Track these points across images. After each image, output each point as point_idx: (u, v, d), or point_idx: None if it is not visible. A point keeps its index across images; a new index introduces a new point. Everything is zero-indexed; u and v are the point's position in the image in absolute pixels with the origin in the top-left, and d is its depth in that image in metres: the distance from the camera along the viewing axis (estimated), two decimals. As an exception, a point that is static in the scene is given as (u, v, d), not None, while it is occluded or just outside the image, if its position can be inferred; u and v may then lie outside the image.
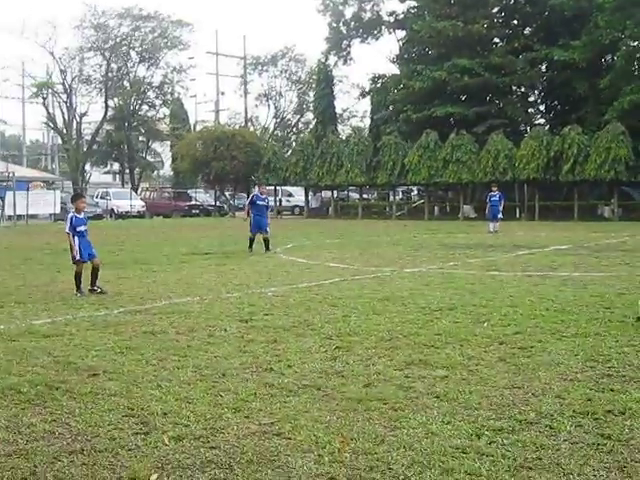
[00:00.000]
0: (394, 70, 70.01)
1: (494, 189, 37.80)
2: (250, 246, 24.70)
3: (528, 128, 60.07)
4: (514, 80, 58.91)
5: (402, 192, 70.19)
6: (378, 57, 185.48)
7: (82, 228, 14.92)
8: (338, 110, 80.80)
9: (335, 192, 64.68)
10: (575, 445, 5.83)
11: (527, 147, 50.69)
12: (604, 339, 9.70)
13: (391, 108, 64.51)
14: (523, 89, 63.85)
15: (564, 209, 52.75)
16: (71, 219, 14.93)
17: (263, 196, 26.34)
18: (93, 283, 14.82)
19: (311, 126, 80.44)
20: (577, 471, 5.30)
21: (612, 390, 7.28)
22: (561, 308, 12.24)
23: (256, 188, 30.10)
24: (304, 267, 19.63)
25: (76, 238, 14.80)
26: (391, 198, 64.31)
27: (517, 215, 53.52)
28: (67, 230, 14.92)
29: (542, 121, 64.80)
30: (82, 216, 15.14)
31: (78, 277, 14.77)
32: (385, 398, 7.10)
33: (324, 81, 71.60)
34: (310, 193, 64.83)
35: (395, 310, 12.25)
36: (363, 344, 9.57)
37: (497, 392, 7.29)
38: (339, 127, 79.40)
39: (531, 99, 66.53)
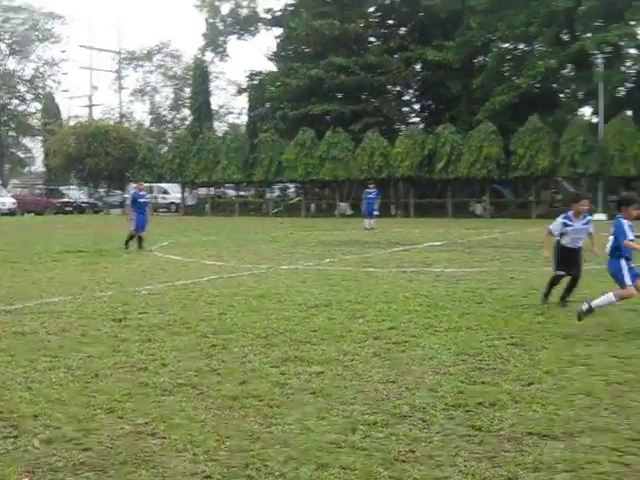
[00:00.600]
0: (271, 67, 70.15)
1: (371, 186, 38.27)
2: (126, 243, 24.29)
3: (403, 127, 61.10)
4: (389, 79, 59.80)
5: (279, 189, 70.30)
6: (255, 54, 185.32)
7: None
8: (215, 107, 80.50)
9: (212, 189, 64.27)
10: (447, 437, 5.94)
11: (402, 145, 51.54)
12: (475, 333, 9.93)
13: (268, 105, 64.50)
14: (398, 88, 64.84)
15: (438, 206, 53.89)
16: None
17: (142, 193, 26.02)
18: None
19: (187, 122, 79.63)
20: (449, 462, 5.40)
21: (483, 382, 7.46)
22: (434, 303, 12.48)
23: (133, 186, 29.65)
24: (180, 265, 19.41)
25: None
26: (268, 195, 64.36)
27: (392, 212, 54.38)
28: None
29: (417, 120, 66.01)
30: None
31: None
32: (261, 395, 7.08)
33: (200, 77, 70.97)
34: (186, 190, 64.20)
35: (271, 307, 12.24)
36: (239, 342, 9.52)
37: (372, 387, 7.36)
38: (216, 124, 79.08)
39: (406, 98, 67.62)
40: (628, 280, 10.16)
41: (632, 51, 53.22)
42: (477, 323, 10.65)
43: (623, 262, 10.26)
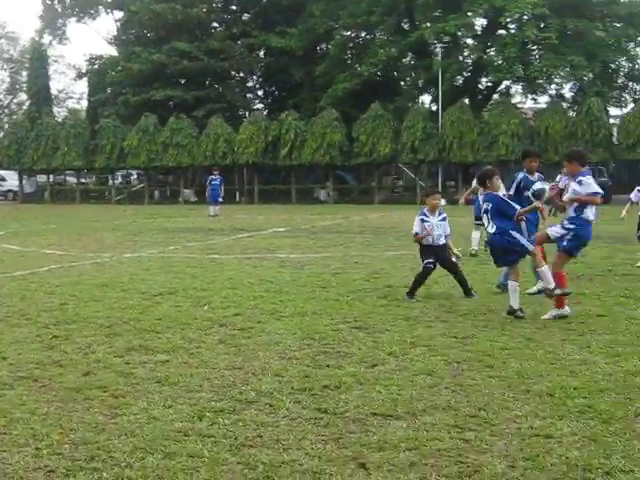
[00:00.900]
0: (112, 51, 68.58)
1: (215, 173, 38.04)
2: None
3: (247, 113, 61.04)
4: (233, 65, 59.54)
5: (121, 176, 68.86)
6: (96, 38, 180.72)
7: None
8: (54, 91, 77.83)
9: (51, 176, 62.32)
10: (294, 421, 5.99)
11: (246, 131, 51.49)
12: (320, 317, 10.05)
13: (109, 90, 62.99)
14: (242, 74, 64.64)
15: (282, 192, 54.16)
16: None
17: None
18: None
19: (25, 107, 76.83)
20: (296, 445, 5.45)
21: (328, 366, 7.56)
22: (279, 289, 12.55)
23: None
24: (18, 255, 18.77)
25: None
26: (110, 182, 62.96)
27: (237, 199, 54.31)
28: None
29: (260, 106, 66.09)
30: None
31: None
32: (105, 386, 6.95)
33: (38, 61, 68.54)
34: (24, 177, 61.99)
35: (115, 296, 12.01)
36: (82, 332, 9.30)
37: (218, 374, 7.34)
38: (55, 109, 76.51)
39: (250, 84, 67.49)
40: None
41: (469, 41, 55.02)
42: (322, 308, 10.78)
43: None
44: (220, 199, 36.96)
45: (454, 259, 12.13)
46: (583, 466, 4.99)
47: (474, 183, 16.59)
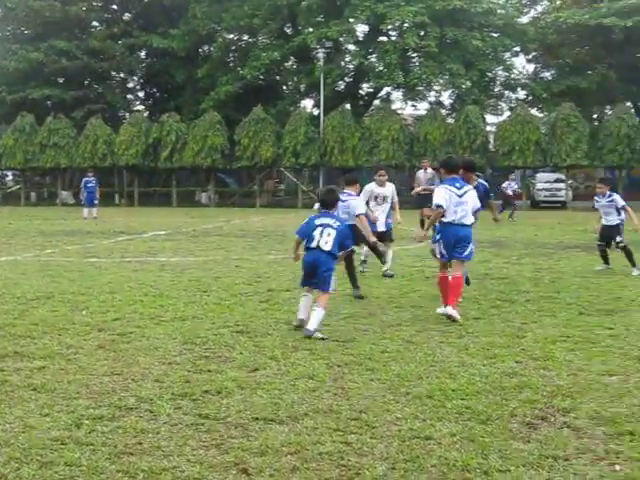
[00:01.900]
0: (-13, 48, 66.40)
1: (90, 174, 37.33)
2: None
3: (127, 114, 60.09)
4: (113, 65, 58.59)
5: (-4, 177, 66.90)
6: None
7: None
8: None
9: None
10: (175, 427, 5.91)
11: (126, 133, 50.77)
12: (201, 322, 9.96)
13: (-17, 88, 61.10)
14: (122, 75, 63.67)
15: (163, 195, 53.61)
16: None
17: None
18: None
19: None
20: (177, 452, 5.37)
21: (209, 371, 7.49)
22: (160, 293, 12.39)
23: None
24: None
25: None
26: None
27: (117, 201, 53.42)
28: None
29: (141, 107, 65.14)
30: None
31: None
32: (-23, 394, 6.70)
33: None
34: None
35: (-12, 300, 11.62)
36: (-48, 338, 8.96)
37: (97, 380, 7.18)
38: None
39: (130, 85, 66.56)
40: None
41: (351, 47, 55.61)
42: (203, 312, 10.69)
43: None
44: (96, 201, 36.20)
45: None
46: (462, 466, 5.08)
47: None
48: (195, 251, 19.65)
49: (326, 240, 9.68)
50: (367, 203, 14.32)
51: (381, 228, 14.48)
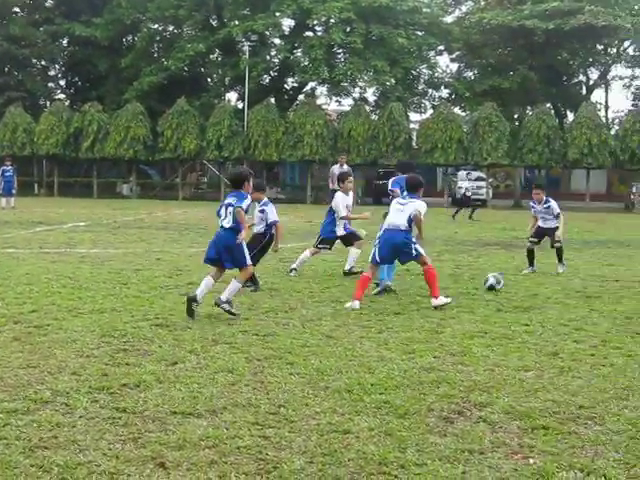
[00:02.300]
0: None
1: (8, 163, 36.55)
2: None
3: (48, 103, 58.95)
4: (34, 52, 57.44)
5: None
6: None
7: None
8: None
9: None
10: (91, 420, 5.83)
11: (47, 122, 49.83)
12: (120, 315, 9.84)
13: None
14: (44, 62, 62.38)
15: (84, 186, 52.79)
16: None
17: None
18: None
19: None
20: (93, 446, 5.30)
21: (127, 364, 7.41)
22: (78, 285, 12.20)
23: None
24: None
25: None
26: None
27: (36, 191, 52.40)
28: None
29: (63, 96, 63.89)
30: None
31: None
32: None
33: None
34: None
35: None
36: None
37: (11, 372, 7.04)
38: None
39: (52, 73, 65.16)
40: None
41: (277, 41, 55.57)
42: (122, 305, 10.57)
43: None
44: (14, 191, 35.48)
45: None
46: (379, 460, 5.12)
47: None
48: (115, 243, 19.42)
49: (228, 218, 10.01)
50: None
51: (340, 232, 14.29)
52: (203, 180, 61.25)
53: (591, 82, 63.05)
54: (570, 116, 58.02)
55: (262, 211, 12.61)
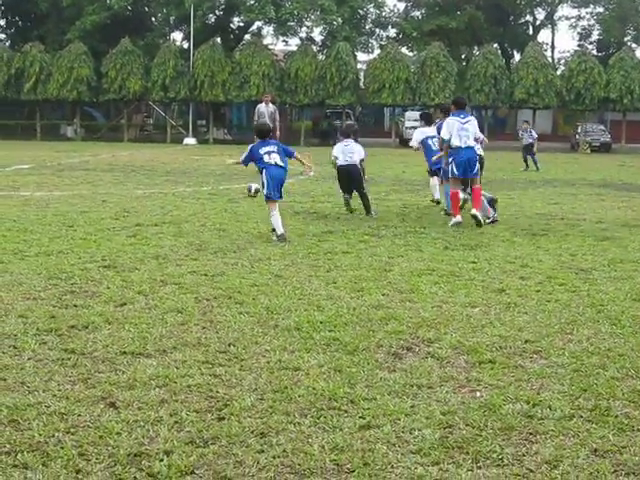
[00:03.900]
0: None
1: None
2: None
3: (-12, 43, 57.51)
4: (-29, -9, 55.77)
5: None
6: None
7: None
8: None
9: None
10: (40, 362, 5.79)
11: (-14, 63, 48.65)
12: (67, 257, 9.74)
13: None
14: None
15: (26, 128, 51.83)
16: None
17: None
18: None
19: None
20: (42, 387, 5.27)
21: (75, 306, 7.36)
22: (23, 228, 12.01)
23: None
24: None
25: None
26: None
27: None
28: None
29: (3, 36, 62.39)
30: None
31: None
32: None
33: None
34: None
35: None
36: None
37: (-44, 316, 6.96)
38: None
39: (-9, 13, 63.55)
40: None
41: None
42: (68, 247, 10.46)
43: None
44: None
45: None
46: (329, 396, 5.17)
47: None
48: (60, 186, 19.15)
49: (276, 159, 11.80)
50: None
51: None
52: (149, 121, 60.45)
53: (537, 22, 63.26)
54: (517, 56, 58.18)
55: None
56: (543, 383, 5.51)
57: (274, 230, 11.46)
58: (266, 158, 11.76)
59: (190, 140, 46.12)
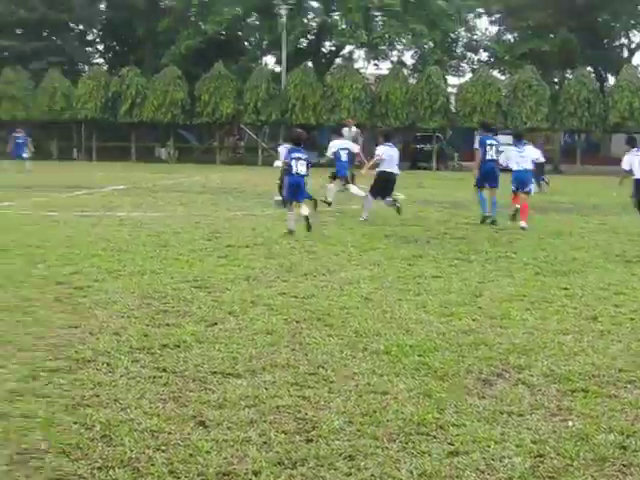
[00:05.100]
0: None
1: (19, 130, 37.91)
2: None
3: (86, 67, 59.13)
4: (73, 17, 57.52)
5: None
6: None
7: None
8: None
9: None
10: (132, 380, 5.90)
11: (85, 86, 50.03)
12: (160, 276, 9.91)
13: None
14: (82, 27, 62.52)
15: (122, 150, 52.98)
16: None
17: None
18: None
19: None
20: (134, 404, 5.37)
21: (167, 325, 7.48)
22: (118, 247, 12.29)
23: None
24: None
25: None
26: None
27: (74, 155, 52.78)
28: None
29: (101, 61, 64.13)
30: None
31: None
32: None
33: None
34: None
35: (-57, 252, 11.47)
36: None
37: (54, 332, 7.14)
38: None
39: (90, 38, 65.37)
40: None
41: (314, 4, 55.14)
42: (161, 267, 10.65)
43: None
44: (25, 155, 36.81)
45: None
46: (418, 421, 5.13)
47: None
48: (154, 206, 19.53)
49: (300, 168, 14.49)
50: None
51: None
52: (241, 144, 61.21)
53: (633, 45, 61.94)
54: (611, 80, 57.07)
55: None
56: (638, 413, 5.37)
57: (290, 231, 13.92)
58: (293, 163, 14.46)
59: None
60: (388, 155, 16.60)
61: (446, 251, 12.66)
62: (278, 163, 18.79)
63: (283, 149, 18.97)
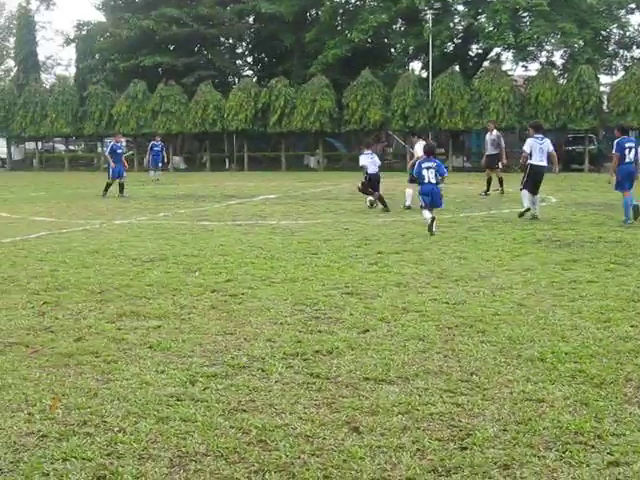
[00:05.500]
0: (100, 17, 67.75)
1: (157, 139, 39.04)
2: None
3: (236, 79, 60.62)
4: (222, 31, 59.13)
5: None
6: (84, 3, 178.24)
7: None
8: (41, 57, 77.12)
9: (40, 143, 61.89)
10: (286, 385, 6.00)
11: (235, 98, 51.18)
12: (311, 283, 10.05)
13: (98, 57, 62.41)
14: (231, 40, 64.15)
15: (272, 160, 54.03)
16: None
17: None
18: None
19: (12, 74, 76.11)
20: (289, 410, 5.46)
21: (320, 331, 7.57)
22: (270, 255, 12.53)
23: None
24: (7, 222, 18.70)
25: None
26: (99, 149, 62.53)
27: (227, 166, 54.12)
28: None
29: (250, 73, 65.56)
30: None
31: None
32: (97, 351, 6.94)
33: (25, 27, 67.88)
34: (13, 145, 61.51)
35: (105, 262, 11.97)
36: (73, 298, 9.27)
37: (210, 339, 7.34)
38: (43, 75, 75.98)
39: (239, 51, 67.03)
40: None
41: (460, 7, 54.69)
42: (313, 274, 10.78)
43: None
44: (161, 164, 38.26)
45: None
46: (575, 430, 5.01)
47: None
48: (304, 214, 19.79)
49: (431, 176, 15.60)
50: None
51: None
52: (389, 150, 61.27)
53: None
54: None
55: None
56: None
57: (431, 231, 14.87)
58: (424, 173, 15.52)
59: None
60: (538, 149, 17.25)
61: (601, 255, 12.28)
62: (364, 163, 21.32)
63: (364, 157, 21.67)
